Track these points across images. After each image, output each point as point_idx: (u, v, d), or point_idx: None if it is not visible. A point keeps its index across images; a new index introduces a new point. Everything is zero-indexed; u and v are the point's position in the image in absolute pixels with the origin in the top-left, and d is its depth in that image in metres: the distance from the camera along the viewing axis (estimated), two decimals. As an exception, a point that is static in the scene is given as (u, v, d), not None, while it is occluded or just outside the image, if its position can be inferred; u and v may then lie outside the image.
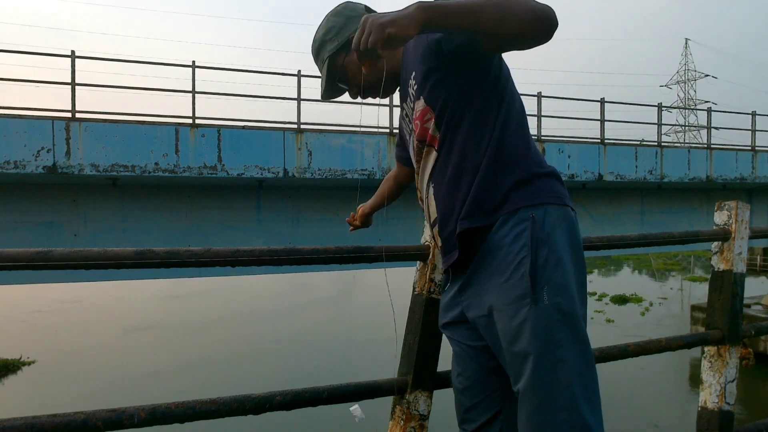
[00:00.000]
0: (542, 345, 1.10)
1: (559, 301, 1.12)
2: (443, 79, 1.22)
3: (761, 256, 28.63)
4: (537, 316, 1.11)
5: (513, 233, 1.16)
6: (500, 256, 1.17)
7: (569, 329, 1.12)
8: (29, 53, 8.88)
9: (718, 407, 1.97)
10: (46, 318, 21.69)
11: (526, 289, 1.12)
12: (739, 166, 11.89)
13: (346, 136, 8.43)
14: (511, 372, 1.18)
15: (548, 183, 1.22)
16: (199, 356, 16.31)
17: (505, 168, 1.20)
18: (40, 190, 7.59)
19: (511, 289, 1.14)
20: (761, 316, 15.36)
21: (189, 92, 8.18)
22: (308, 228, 8.82)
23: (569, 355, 1.11)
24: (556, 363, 1.10)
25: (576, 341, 1.12)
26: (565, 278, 1.14)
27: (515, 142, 1.23)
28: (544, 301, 1.11)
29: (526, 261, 1.13)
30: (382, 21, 1.02)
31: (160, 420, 1.22)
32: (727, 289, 2.03)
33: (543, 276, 1.12)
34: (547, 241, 1.14)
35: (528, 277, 1.12)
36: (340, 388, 1.44)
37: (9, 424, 1.12)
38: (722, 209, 2.09)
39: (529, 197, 1.18)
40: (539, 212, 1.17)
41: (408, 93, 1.32)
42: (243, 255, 1.34)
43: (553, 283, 1.12)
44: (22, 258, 1.17)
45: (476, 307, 1.25)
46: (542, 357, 1.10)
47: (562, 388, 1.09)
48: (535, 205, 1.17)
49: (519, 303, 1.13)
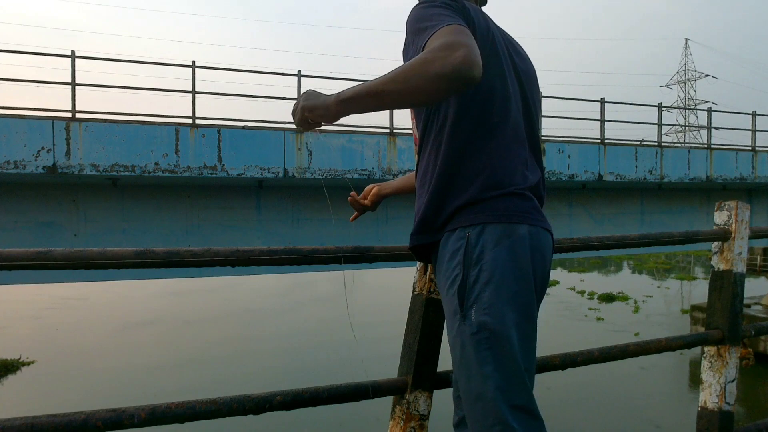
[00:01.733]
0: (469, 361, 1.15)
1: (485, 320, 1.14)
2: None
3: (761, 256, 28.63)
4: (464, 333, 1.16)
5: (450, 250, 1.21)
6: (441, 271, 1.24)
7: (496, 347, 1.13)
8: (29, 53, 8.87)
9: (718, 407, 1.97)
10: (53, 315, 21.84)
11: (456, 306, 1.18)
12: (739, 166, 11.89)
13: (346, 136, 8.43)
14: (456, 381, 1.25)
15: (496, 203, 1.20)
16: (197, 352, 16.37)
17: (455, 190, 1.22)
18: (40, 190, 7.59)
19: (448, 304, 1.21)
20: (761, 316, 15.36)
21: (189, 92, 8.18)
22: (308, 228, 8.82)
23: (495, 373, 1.13)
24: (479, 378, 1.14)
25: (501, 359, 1.13)
26: (496, 296, 1.14)
27: (474, 162, 1.21)
28: (471, 318, 1.15)
29: (458, 279, 1.18)
30: (305, 104, 1.18)
31: (160, 420, 1.22)
32: (727, 289, 2.03)
33: (471, 294, 1.16)
34: (479, 260, 1.17)
35: (456, 295, 1.17)
36: (340, 388, 1.43)
37: (9, 424, 1.12)
38: (722, 209, 2.09)
39: (469, 217, 1.20)
40: (474, 231, 1.18)
41: None
42: (243, 255, 1.34)
43: (481, 302, 1.15)
44: (22, 258, 1.17)
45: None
46: (470, 373, 1.15)
47: (491, 403, 1.13)
48: (472, 225, 1.19)
49: (453, 318, 1.19)
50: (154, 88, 8.75)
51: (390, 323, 12.12)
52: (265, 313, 22.92)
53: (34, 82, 8.00)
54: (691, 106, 51.49)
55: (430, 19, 1.13)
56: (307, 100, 1.18)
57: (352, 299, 23.66)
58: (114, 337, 18.50)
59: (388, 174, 8.53)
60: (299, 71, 8.78)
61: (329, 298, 24.93)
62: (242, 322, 21.08)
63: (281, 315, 22.57)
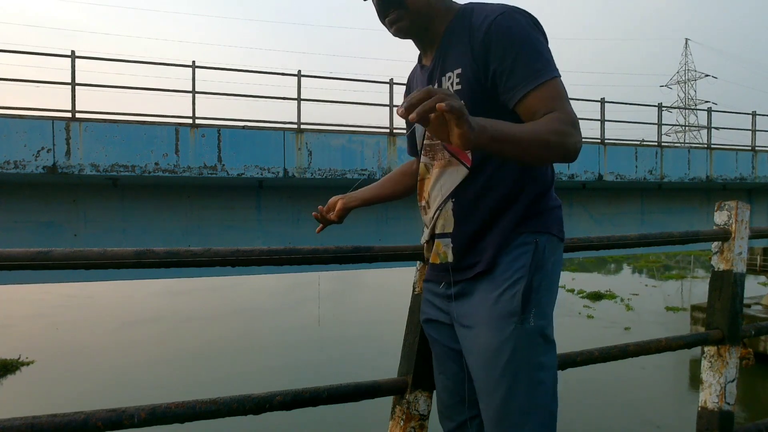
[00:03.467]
0: (524, 365, 1.13)
1: (543, 324, 1.16)
2: (494, 97, 1.18)
3: (761, 256, 28.62)
4: (521, 336, 1.14)
5: (515, 253, 1.20)
6: (498, 271, 1.20)
7: (549, 354, 1.17)
8: (29, 53, 8.87)
9: (718, 407, 1.96)
10: (59, 313, 21.99)
11: (516, 308, 1.15)
12: (739, 166, 11.89)
13: (346, 136, 8.43)
14: (482, 386, 1.19)
15: (556, 215, 1.27)
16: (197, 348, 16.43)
17: (526, 199, 1.23)
18: (40, 190, 7.59)
19: (501, 305, 1.17)
20: (761, 316, 15.36)
21: (189, 92, 8.17)
22: (308, 228, 8.81)
23: (547, 378, 1.15)
24: (536, 384, 1.13)
25: (552, 366, 1.17)
26: (550, 305, 1.20)
27: (540, 174, 1.26)
28: (530, 322, 1.15)
29: (523, 281, 1.17)
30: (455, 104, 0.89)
31: (160, 420, 1.22)
32: (727, 289, 2.03)
33: (534, 299, 1.16)
34: (542, 267, 1.20)
35: (521, 297, 1.15)
36: (340, 388, 1.43)
37: (9, 424, 1.12)
38: (722, 209, 2.08)
39: (538, 224, 1.23)
40: (542, 239, 1.22)
41: (437, 77, 1.27)
42: (243, 255, 1.34)
43: (539, 307, 1.17)
44: (22, 258, 1.17)
45: (461, 317, 1.26)
46: (523, 377, 1.13)
47: (539, 410, 1.13)
48: (540, 232, 1.22)
49: (506, 320, 1.15)
50: (155, 88, 8.76)
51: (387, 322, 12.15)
52: (265, 311, 23.03)
53: (34, 82, 7.99)
54: (691, 106, 51.48)
55: (549, 54, 1.15)
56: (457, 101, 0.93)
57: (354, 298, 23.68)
58: (116, 334, 18.70)
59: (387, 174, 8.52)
60: (299, 71, 8.78)
61: (329, 297, 25.01)
62: (242, 319, 21.20)
63: (281, 313, 22.67)
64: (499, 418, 1.15)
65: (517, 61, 1.12)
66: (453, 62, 1.22)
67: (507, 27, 1.14)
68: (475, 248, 1.25)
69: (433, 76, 1.28)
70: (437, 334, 1.36)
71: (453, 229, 1.27)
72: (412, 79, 1.45)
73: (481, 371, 1.19)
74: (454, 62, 1.22)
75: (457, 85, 1.21)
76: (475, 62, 1.18)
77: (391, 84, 9.43)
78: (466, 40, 1.19)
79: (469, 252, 1.25)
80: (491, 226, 1.22)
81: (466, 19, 1.21)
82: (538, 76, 1.11)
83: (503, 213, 1.22)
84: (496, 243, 1.21)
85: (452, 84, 1.22)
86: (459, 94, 1.20)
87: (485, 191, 1.23)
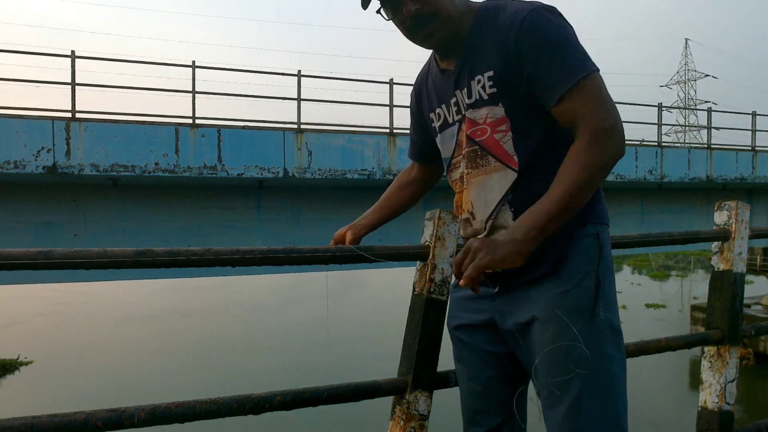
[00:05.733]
0: (595, 359, 1.12)
1: (610, 316, 1.15)
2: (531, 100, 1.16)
3: (761, 256, 28.63)
4: (592, 330, 1.13)
5: (582, 245, 1.18)
6: (564, 266, 1.17)
7: (617, 344, 1.16)
8: (29, 53, 8.88)
9: (718, 407, 1.96)
10: (61, 311, 22.14)
11: (588, 303, 1.14)
12: (739, 166, 11.88)
13: (346, 136, 8.42)
14: (550, 382, 1.15)
15: (604, 205, 1.27)
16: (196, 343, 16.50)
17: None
18: (40, 190, 7.59)
19: (571, 301, 1.14)
20: (761, 316, 15.36)
21: (189, 92, 8.17)
22: (308, 228, 8.82)
23: (617, 369, 1.14)
24: (605, 376, 1.12)
25: (621, 357, 1.17)
26: (614, 295, 1.19)
27: None
28: (600, 316, 1.14)
29: (593, 275, 1.15)
30: (492, 256, 1.05)
31: (160, 420, 1.22)
32: (727, 289, 2.03)
33: (601, 291, 1.15)
34: (603, 258, 1.18)
35: (593, 291, 1.14)
36: (340, 388, 1.43)
37: (9, 424, 1.12)
38: (722, 209, 2.08)
39: (596, 215, 1.22)
40: (601, 230, 1.21)
41: (466, 81, 1.22)
42: (243, 255, 1.33)
43: (606, 299, 1.16)
44: (22, 258, 1.17)
45: (515, 315, 1.22)
46: (594, 371, 1.12)
47: (612, 402, 1.12)
48: (597, 223, 1.21)
49: (576, 316, 1.13)
50: (155, 88, 8.76)
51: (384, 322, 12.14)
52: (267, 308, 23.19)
53: (34, 82, 8.00)
54: (691, 106, 51.50)
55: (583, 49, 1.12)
56: (488, 254, 1.05)
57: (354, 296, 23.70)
58: (117, 332, 18.81)
59: (388, 174, 8.52)
60: (299, 71, 8.78)
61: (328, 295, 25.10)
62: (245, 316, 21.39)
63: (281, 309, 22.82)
64: (573, 411, 1.12)
65: (552, 61, 1.10)
66: (482, 65, 1.18)
67: (538, 26, 1.10)
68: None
69: (459, 80, 1.23)
70: (471, 339, 1.33)
71: None
72: (422, 82, 1.38)
73: (548, 368, 1.15)
74: (484, 65, 1.17)
75: (491, 88, 1.17)
76: (507, 64, 1.14)
77: (391, 84, 9.43)
78: (495, 41, 1.15)
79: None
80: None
81: (491, 19, 1.16)
82: (572, 74, 1.09)
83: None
84: (562, 239, 1.17)
85: (484, 87, 1.18)
86: (494, 96, 1.18)
87: (543, 190, 1.16)
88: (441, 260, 1.52)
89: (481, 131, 1.22)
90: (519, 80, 1.14)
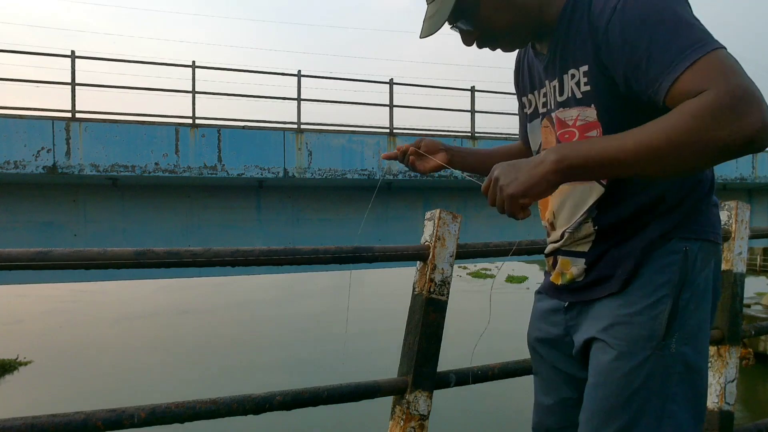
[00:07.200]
0: (654, 396, 0.97)
1: (685, 351, 0.98)
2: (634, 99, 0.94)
3: (761, 256, 28.65)
4: (657, 364, 0.98)
5: (657, 264, 1.00)
6: (635, 286, 1.01)
7: (688, 384, 0.99)
8: (29, 53, 8.90)
9: (718, 407, 1.96)
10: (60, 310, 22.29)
11: (657, 332, 0.98)
12: (739, 166, 11.89)
13: (346, 136, 8.43)
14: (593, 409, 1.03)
15: (711, 215, 1.05)
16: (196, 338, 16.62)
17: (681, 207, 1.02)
18: (40, 190, 7.59)
19: (637, 326, 0.99)
20: (761, 316, 15.37)
21: (189, 92, 8.18)
22: (308, 228, 8.82)
23: (680, 411, 0.98)
24: (663, 417, 0.98)
25: (692, 398, 1.00)
26: (700, 326, 1.01)
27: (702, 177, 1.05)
28: (671, 348, 0.98)
29: (668, 300, 0.98)
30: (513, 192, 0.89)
31: (159, 420, 1.22)
32: (727, 289, 2.03)
33: (679, 321, 0.98)
34: (693, 281, 1.00)
35: (666, 320, 0.98)
36: (340, 388, 1.44)
37: (9, 424, 1.12)
38: (722, 209, 2.08)
39: (691, 228, 1.01)
40: (694, 246, 1.00)
41: (557, 72, 1.06)
42: (243, 255, 1.34)
43: (685, 330, 0.99)
44: (22, 258, 1.17)
45: (581, 332, 1.10)
46: (649, 408, 0.98)
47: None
48: (690, 239, 1.01)
49: (640, 344, 0.98)
50: (154, 88, 8.77)
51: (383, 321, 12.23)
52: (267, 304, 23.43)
53: (34, 82, 8.02)
54: (691, 106, 51.43)
55: (699, 23, 0.87)
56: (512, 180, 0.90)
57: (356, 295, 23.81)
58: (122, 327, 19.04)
59: (388, 174, 8.53)
60: (299, 71, 8.78)
61: (326, 292, 25.16)
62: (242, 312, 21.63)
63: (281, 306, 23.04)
64: None
65: (654, 44, 0.86)
66: (575, 57, 1.01)
67: (636, 4, 0.89)
68: (607, 259, 1.05)
69: (549, 69, 1.08)
70: (548, 354, 1.21)
71: (589, 249, 1.08)
72: (522, 58, 1.22)
73: (596, 394, 1.03)
74: (577, 57, 1.00)
75: (585, 85, 1.00)
76: (603, 55, 0.95)
77: (391, 84, 9.43)
78: (586, 29, 0.97)
79: (599, 265, 1.06)
80: (635, 235, 1.03)
81: (584, 3, 0.98)
82: (686, 55, 0.83)
83: (654, 221, 1.01)
84: (638, 252, 1.01)
85: (579, 84, 1.01)
86: (588, 96, 1.00)
87: (630, 208, 1.03)
88: (441, 260, 1.52)
89: (570, 134, 1.06)
90: (617, 75, 0.94)
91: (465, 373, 1.60)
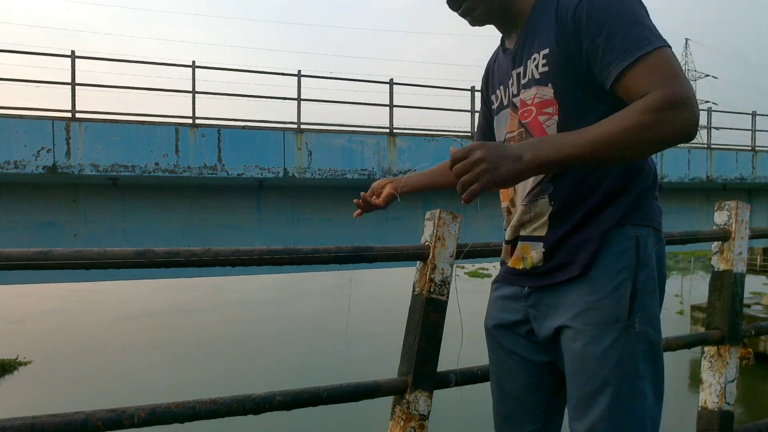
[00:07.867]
0: (625, 375, 1.05)
1: (647, 330, 1.07)
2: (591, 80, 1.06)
3: (761, 256, 28.65)
4: (625, 344, 1.05)
5: (617, 249, 1.08)
6: (597, 272, 1.08)
7: (651, 360, 1.07)
8: (29, 53, 8.90)
9: (718, 407, 1.96)
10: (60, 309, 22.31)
11: (622, 314, 1.05)
12: (739, 166, 11.89)
13: (346, 136, 8.43)
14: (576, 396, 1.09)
15: (655, 206, 1.15)
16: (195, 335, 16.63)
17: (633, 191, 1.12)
18: (40, 190, 7.59)
19: (604, 310, 1.06)
20: (761, 316, 15.36)
21: (189, 92, 8.18)
22: (308, 228, 8.82)
23: (648, 388, 1.06)
24: (635, 395, 1.05)
25: (655, 374, 1.08)
26: (655, 307, 1.09)
27: (650, 165, 1.16)
28: (635, 328, 1.05)
29: (628, 283, 1.06)
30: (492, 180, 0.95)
31: (159, 420, 1.22)
32: (727, 289, 2.03)
33: (639, 302, 1.06)
34: (645, 264, 1.08)
35: (627, 301, 1.05)
36: (340, 388, 1.43)
37: (9, 424, 1.12)
38: (722, 209, 2.08)
39: (641, 216, 1.11)
40: (644, 232, 1.10)
41: (523, 60, 1.15)
42: (243, 255, 1.34)
43: (645, 311, 1.07)
44: (22, 258, 1.17)
45: (548, 320, 1.15)
46: (623, 388, 1.04)
47: (637, 423, 1.05)
48: (641, 225, 1.10)
49: (608, 327, 1.05)
50: (154, 88, 8.77)
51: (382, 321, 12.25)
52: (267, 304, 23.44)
53: (34, 82, 8.02)
54: (691, 106, 51.43)
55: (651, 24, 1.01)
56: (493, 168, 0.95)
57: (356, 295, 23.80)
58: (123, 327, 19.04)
59: (388, 174, 8.53)
60: (299, 71, 8.78)
61: (326, 292, 25.17)
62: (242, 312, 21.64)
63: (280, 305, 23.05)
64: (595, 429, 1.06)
65: (613, 35, 0.99)
66: (539, 43, 1.11)
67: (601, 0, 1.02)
68: (567, 245, 1.11)
69: (516, 59, 1.17)
70: (508, 342, 1.25)
71: (546, 232, 1.14)
72: (492, 63, 1.32)
73: (575, 382, 1.09)
74: (541, 43, 1.10)
75: (543, 66, 1.10)
76: (564, 41, 1.05)
77: (391, 84, 9.43)
78: (553, 18, 1.08)
79: (560, 251, 1.12)
80: (590, 221, 1.10)
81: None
82: (636, 48, 0.97)
83: (607, 208, 1.10)
84: (595, 239, 1.08)
85: (537, 66, 1.11)
86: (545, 76, 1.10)
87: (587, 189, 1.10)
88: (441, 260, 1.52)
89: (528, 112, 1.14)
90: (576, 59, 1.05)
91: (465, 373, 1.60)
